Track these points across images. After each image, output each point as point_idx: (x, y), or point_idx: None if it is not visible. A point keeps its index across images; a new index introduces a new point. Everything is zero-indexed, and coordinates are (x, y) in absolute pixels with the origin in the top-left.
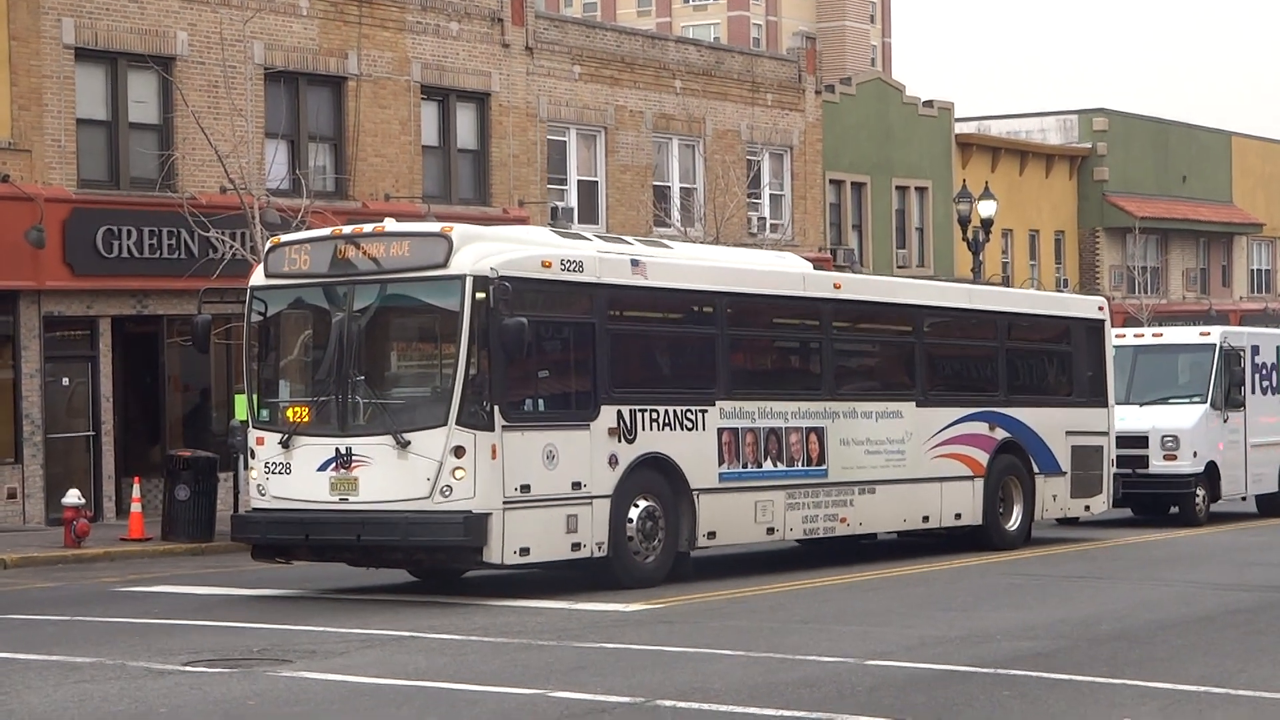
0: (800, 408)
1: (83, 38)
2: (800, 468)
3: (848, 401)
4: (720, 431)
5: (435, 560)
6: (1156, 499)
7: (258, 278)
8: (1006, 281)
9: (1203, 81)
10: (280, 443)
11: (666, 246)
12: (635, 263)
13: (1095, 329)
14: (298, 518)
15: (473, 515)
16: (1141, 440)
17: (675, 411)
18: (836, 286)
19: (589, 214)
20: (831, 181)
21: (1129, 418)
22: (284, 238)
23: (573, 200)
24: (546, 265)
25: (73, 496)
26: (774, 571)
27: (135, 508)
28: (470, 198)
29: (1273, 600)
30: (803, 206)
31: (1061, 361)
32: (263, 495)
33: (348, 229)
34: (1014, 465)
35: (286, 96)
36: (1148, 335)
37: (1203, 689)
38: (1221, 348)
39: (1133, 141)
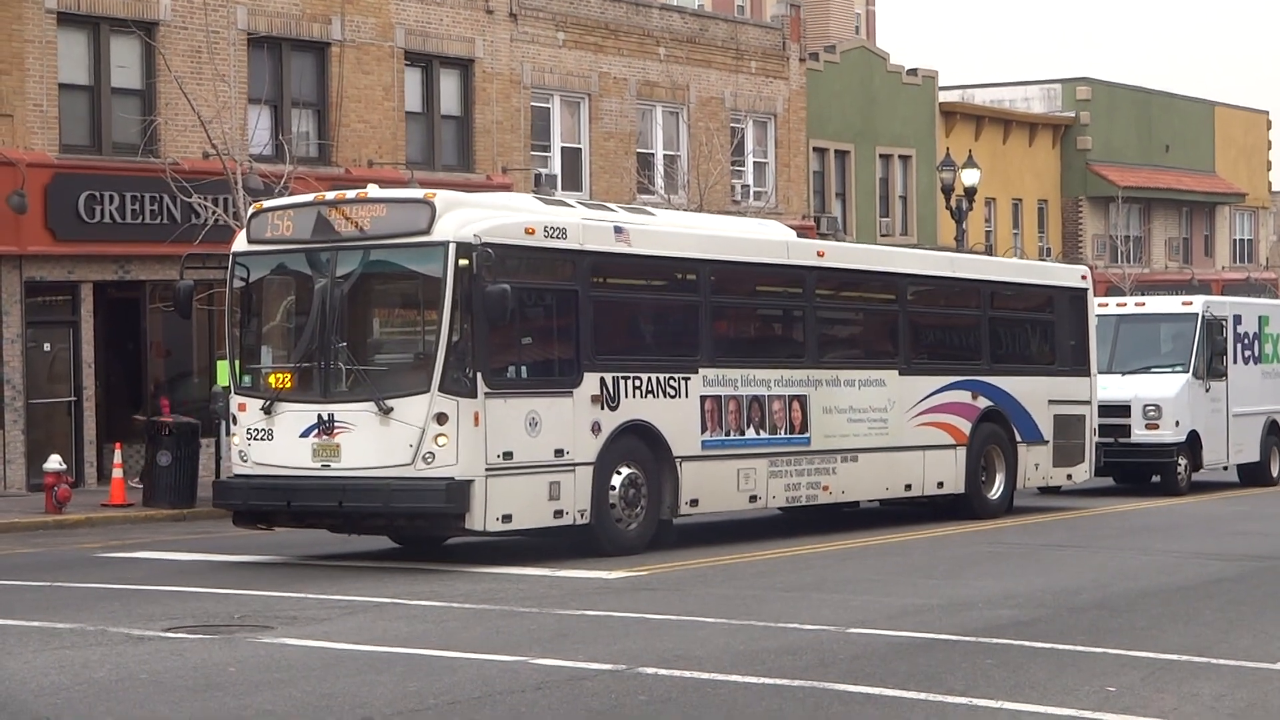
0: (783, 375)
1: (65, 2)
2: (783, 435)
3: (831, 369)
4: (703, 399)
5: (417, 527)
6: (1138, 468)
7: (240, 243)
8: (989, 250)
9: (1186, 52)
10: (262, 409)
11: (650, 214)
12: (619, 230)
13: (1078, 298)
14: (280, 484)
15: (455, 482)
16: (1124, 409)
17: (658, 379)
18: (820, 254)
19: (572, 181)
20: (815, 149)
21: (1111, 387)
22: (267, 203)
23: (556, 167)
24: (530, 232)
25: (54, 462)
26: (756, 539)
27: (117, 473)
28: (453, 164)
29: (1253, 570)
30: (786, 174)
31: (1044, 330)
32: (244, 461)
33: (331, 195)
34: (996, 434)
35: (270, 62)
36: (1130, 304)
37: (1184, 658)
38: (1204, 317)
39: (1116, 111)
